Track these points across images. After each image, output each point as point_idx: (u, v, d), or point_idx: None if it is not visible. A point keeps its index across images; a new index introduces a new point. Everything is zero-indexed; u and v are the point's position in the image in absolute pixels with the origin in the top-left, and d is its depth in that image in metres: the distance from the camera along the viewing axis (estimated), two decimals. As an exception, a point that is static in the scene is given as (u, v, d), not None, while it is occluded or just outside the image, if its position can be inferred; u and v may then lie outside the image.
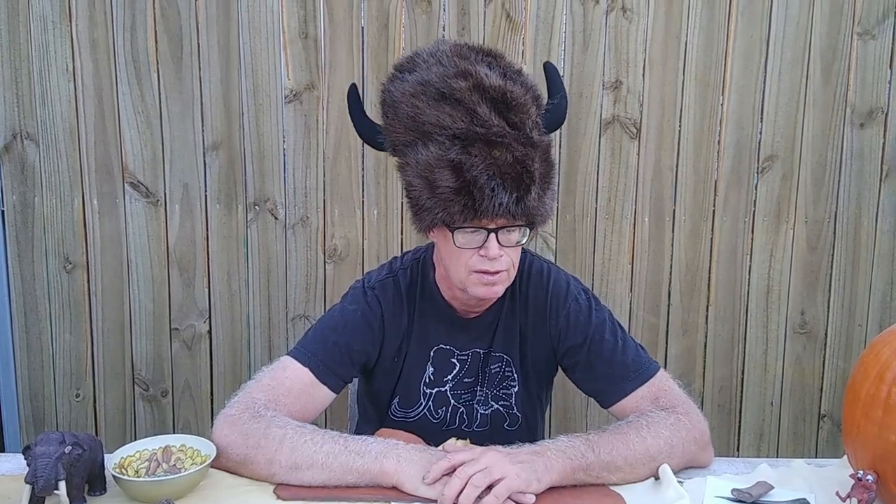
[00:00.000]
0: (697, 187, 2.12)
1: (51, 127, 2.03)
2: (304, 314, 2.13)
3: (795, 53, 2.06)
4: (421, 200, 1.21)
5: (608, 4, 2.02)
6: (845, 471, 1.11)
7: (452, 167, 1.16)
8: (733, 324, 2.19)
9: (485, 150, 1.16)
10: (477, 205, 1.16)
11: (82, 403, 2.16)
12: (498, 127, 1.17)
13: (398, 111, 1.21)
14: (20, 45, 1.99)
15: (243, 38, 2.00)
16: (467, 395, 1.41)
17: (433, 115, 1.18)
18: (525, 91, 1.21)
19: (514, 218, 1.19)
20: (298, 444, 1.13)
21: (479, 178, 1.15)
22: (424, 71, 1.21)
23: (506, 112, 1.18)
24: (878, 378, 1.06)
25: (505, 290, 1.35)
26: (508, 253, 1.23)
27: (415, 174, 1.20)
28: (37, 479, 0.97)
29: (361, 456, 1.11)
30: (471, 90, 1.17)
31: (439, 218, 1.20)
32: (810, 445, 2.25)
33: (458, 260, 1.24)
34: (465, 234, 1.21)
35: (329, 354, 1.30)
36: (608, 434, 1.19)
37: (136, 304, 2.12)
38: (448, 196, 1.17)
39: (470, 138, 1.16)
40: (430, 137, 1.18)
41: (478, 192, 1.16)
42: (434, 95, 1.18)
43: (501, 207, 1.17)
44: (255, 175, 2.07)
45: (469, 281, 1.25)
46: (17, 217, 2.07)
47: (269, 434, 1.14)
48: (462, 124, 1.16)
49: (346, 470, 1.10)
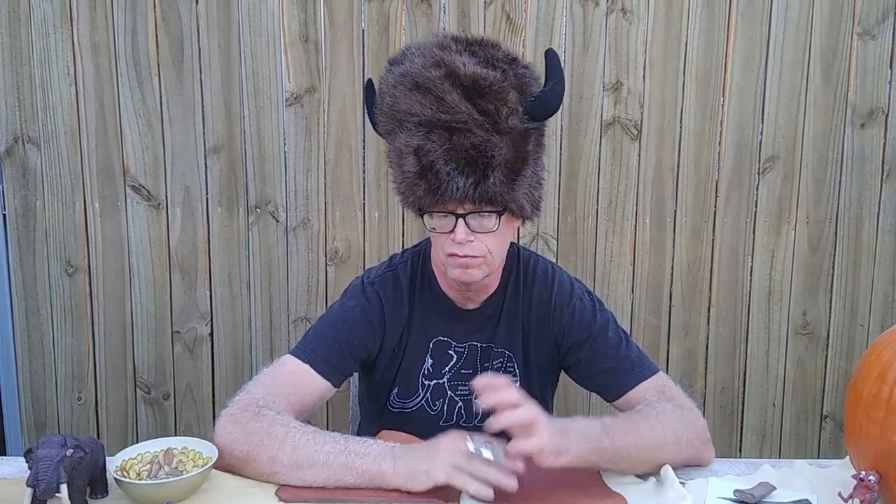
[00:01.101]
0: (698, 188, 2.12)
1: (52, 130, 2.03)
2: (306, 316, 2.13)
3: (796, 54, 2.06)
4: (396, 185, 1.28)
5: (608, 6, 2.02)
6: (847, 471, 1.11)
7: (415, 152, 1.21)
8: (735, 325, 2.19)
9: (444, 136, 1.19)
10: (434, 188, 1.21)
11: (84, 406, 2.16)
12: (464, 113, 1.19)
13: (384, 102, 1.27)
14: (21, 48, 1.99)
15: (244, 42, 2.01)
16: (465, 388, 1.41)
17: (406, 104, 1.22)
18: (504, 78, 1.22)
19: (476, 203, 1.22)
20: (300, 444, 1.13)
21: (437, 163, 1.20)
22: (409, 63, 1.24)
23: (476, 98, 1.20)
24: (879, 378, 1.06)
25: (504, 282, 1.39)
26: (482, 239, 1.25)
27: (391, 161, 1.28)
28: (38, 482, 0.97)
29: (361, 457, 1.11)
30: (442, 78, 1.20)
31: (410, 202, 1.26)
32: (812, 446, 2.25)
33: (437, 243, 1.30)
34: (438, 219, 1.26)
35: (328, 350, 1.31)
36: (621, 420, 1.20)
37: (137, 306, 2.12)
38: (413, 180, 1.23)
39: (433, 124, 1.20)
40: (402, 125, 1.23)
41: (433, 177, 1.20)
42: (409, 85, 1.22)
43: (458, 191, 1.20)
44: (256, 178, 2.07)
45: (447, 264, 1.29)
46: (18, 221, 2.07)
47: (271, 432, 1.14)
48: (429, 112, 1.20)
49: (346, 470, 1.11)
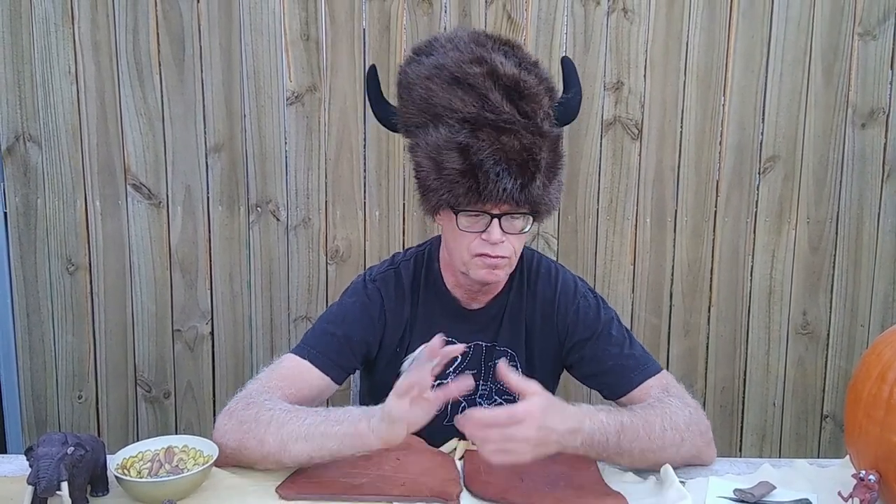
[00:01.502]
0: (699, 188, 2.12)
1: (53, 129, 2.03)
2: (306, 315, 2.13)
3: (796, 54, 2.06)
4: (428, 181, 1.24)
5: (609, 5, 2.02)
6: (847, 471, 1.11)
7: (460, 150, 1.19)
8: (735, 324, 2.19)
9: (493, 136, 1.18)
10: (481, 188, 1.19)
11: (84, 404, 2.16)
12: (508, 114, 1.19)
13: (412, 93, 1.24)
14: (22, 47, 1.99)
15: (245, 40, 2.01)
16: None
17: (445, 98, 1.20)
18: (539, 82, 1.23)
19: (517, 205, 1.21)
20: (284, 422, 1.14)
21: (486, 162, 1.17)
22: (441, 55, 1.23)
23: (518, 100, 1.20)
24: (879, 378, 1.06)
25: (509, 281, 1.38)
26: (511, 240, 1.25)
27: (424, 155, 1.23)
28: (39, 480, 0.97)
29: (339, 423, 1.12)
30: (485, 76, 1.19)
31: (444, 200, 1.22)
32: (812, 446, 2.25)
33: (461, 243, 1.26)
34: (469, 218, 1.24)
35: (328, 346, 1.31)
36: (637, 421, 1.17)
37: (138, 305, 2.12)
38: (454, 178, 1.20)
39: (479, 123, 1.18)
40: (440, 120, 1.21)
41: (482, 176, 1.18)
42: (448, 79, 1.20)
43: (505, 193, 1.18)
44: (256, 177, 2.07)
45: (471, 264, 1.27)
46: (19, 219, 2.07)
47: (259, 417, 1.16)
48: (473, 109, 1.18)
49: (326, 438, 1.11)
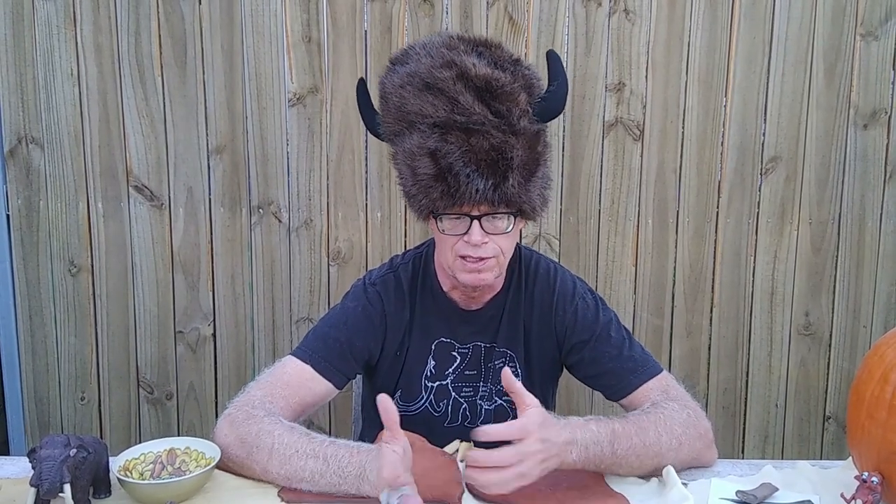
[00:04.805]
0: (701, 189, 2.11)
1: (55, 131, 2.03)
2: (308, 317, 2.13)
3: (798, 55, 2.05)
4: (407, 188, 1.25)
5: (611, 6, 2.02)
6: (850, 472, 1.11)
7: (430, 154, 1.19)
8: (737, 325, 2.18)
9: (462, 138, 1.18)
10: (453, 191, 1.19)
11: (87, 406, 2.16)
12: (479, 115, 1.19)
13: (389, 102, 1.25)
14: (25, 49, 2.00)
15: (247, 42, 2.01)
16: (469, 389, 1.41)
17: (417, 105, 1.20)
18: (514, 79, 1.22)
19: (494, 205, 1.21)
20: (286, 458, 1.11)
21: (455, 165, 1.18)
22: (415, 63, 1.23)
23: (490, 100, 1.19)
24: (882, 379, 1.06)
25: (507, 281, 1.37)
26: (496, 240, 1.25)
27: (402, 162, 1.24)
28: (42, 481, 0.97)
29: (343, 479, 1.08)
30: (454, 79, 1.19)
31: (423, 205, 1.23)
32: (815, 447, 2.24)
33: (446, 246, 1.27)
34: (450, 221, 1.24)
35: (330, 351, 1.30)
36: (630, 427, 1.17)
37: (140, 307, 2.12)
38: (428, 183, 1.20)
39: (449, 126, 1.19)
40: (414, 127, 1.21)
41: (453, 179, 1.18)
42: (419, 86, 1.21)
43: (479, 194, 1.19)
44: (258, 178, 2.07)
45: (456, 267, 1.27)
46: (22, 221, 2.08)
47: (259, 443, 1.13)
48: (443, 113, 1.19)
49: (332, 490, 1.09)
